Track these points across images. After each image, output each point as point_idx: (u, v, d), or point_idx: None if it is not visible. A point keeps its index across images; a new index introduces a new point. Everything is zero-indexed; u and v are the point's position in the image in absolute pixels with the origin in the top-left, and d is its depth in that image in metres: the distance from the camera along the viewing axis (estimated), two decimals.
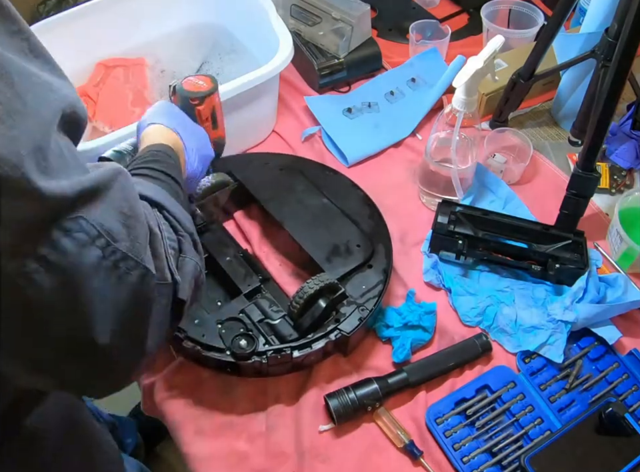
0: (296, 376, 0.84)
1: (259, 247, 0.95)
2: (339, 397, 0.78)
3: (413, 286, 0.91)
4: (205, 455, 0.78)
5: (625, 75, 0.80)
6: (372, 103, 1.15)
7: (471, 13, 1.34)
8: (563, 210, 0.91)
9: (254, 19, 1.08)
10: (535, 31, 1.18)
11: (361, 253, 0.86)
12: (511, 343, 0.86)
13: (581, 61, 0.97)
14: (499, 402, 0.82)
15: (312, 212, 0.91)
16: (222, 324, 0.79)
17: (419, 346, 0.86)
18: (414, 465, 0.77)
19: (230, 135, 1.03)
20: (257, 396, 0.83)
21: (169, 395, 0.83)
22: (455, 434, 0.79)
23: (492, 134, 1.06)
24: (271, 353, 0.78)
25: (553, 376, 0.84)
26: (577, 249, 0.89)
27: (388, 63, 1.23)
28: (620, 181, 1.03)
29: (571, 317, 0.85)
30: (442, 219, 0.92)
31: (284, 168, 0.97)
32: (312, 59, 1.15)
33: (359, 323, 0.80)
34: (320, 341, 0.79)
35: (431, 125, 1.13)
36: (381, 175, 1.06)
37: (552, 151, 1.09)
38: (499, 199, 1.01)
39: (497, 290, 0.91)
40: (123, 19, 1.10)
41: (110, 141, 0.87)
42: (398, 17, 1.32)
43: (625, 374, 0.84)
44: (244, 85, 0.94)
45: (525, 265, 0.90)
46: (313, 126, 1.12)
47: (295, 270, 0.93)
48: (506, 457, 0.77)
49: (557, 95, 1.12)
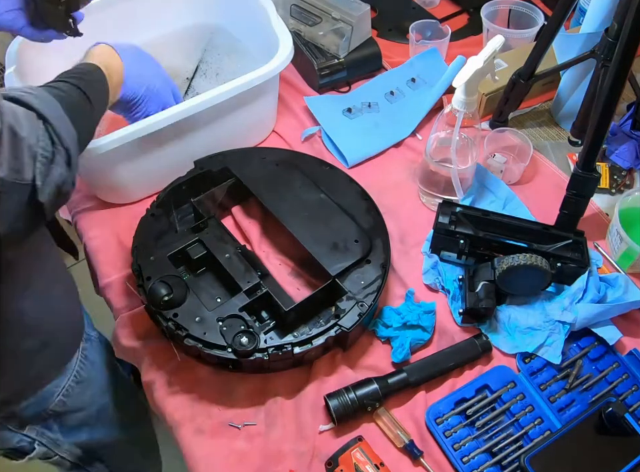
0: (296, 372, 0.84)
1: (259, 246, 0.95)
2: (338, 397, 0.78)
3: (413, 286, 0.91)
4: (205, 454, 0.78)
5: (624, 75, 0.80)
6: (372, 103, 1.15)
7: (470, 12, 1.34)
8: (562, 210, 0.91)
9: (254, 19, 1.09)
10: (534, 31, 1.18)
11: (359, 248, 0.87)
12: (508, 344, 0.86)
13: (581, 60, 0.97)
14: (499, 402, 0.82)
15: (310, 208, 0.91)
16: (223, 321, 0.79)
17: (418, 346, 0.86)
18: (414, 464, 0.77)
19: (230, 135, 1.03)
20: (257, 395, 0.83)
21: (168, 393, 0.83)
22: (454, 434, 0.79)
23: (492, 134, 1.06)
24: (272, 350, 0.78)
25: (552, 376, 0.84)
26: (578, 249, 0.89)
27: (388, 63, 1.23)
28: (620, 180, 1.03)
29: (569, 318, 0.85)
30: (443, 219, 0.92)
31: (281, 163, 0.97)
32: (312, 59, 1.15)
33: (359, 319, 0.80)
34: (320, 337, 0.79)
35: (430, 125, 1.13)
36: (381, 174, 1.06)
37: (552, 151, 1.09)
38: (498, 199, 1.01)
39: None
40: (123, 19, 1.10)
41: (110, 141, 0.87)
42: (398, 17, 1.32)
43: (625, 374, 0.84)
44: (244, 85, 0.94)
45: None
46: (313, 126, 1.13)
47: (295, 269, 0.93)
48: (506, 457, 0.77)
49: (557, 95, 1.12)
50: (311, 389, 0.82)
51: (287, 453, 0.78)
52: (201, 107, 0.92)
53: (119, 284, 0.94)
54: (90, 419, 0.96)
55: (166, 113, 0.90)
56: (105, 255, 0.97)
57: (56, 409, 0.88)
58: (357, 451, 0.76)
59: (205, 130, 0.99)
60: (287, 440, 0.79)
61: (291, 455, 0.78)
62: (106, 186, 1.01)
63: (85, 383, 0.91)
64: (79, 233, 1.03)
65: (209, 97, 0.92)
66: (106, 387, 0.98)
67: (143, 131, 0.89)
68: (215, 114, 0.97)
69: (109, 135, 0.88)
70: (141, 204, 1.03)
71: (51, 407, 0.87)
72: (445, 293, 0.92)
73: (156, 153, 0.96)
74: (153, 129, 0.89)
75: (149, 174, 0.99)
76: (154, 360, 0.86)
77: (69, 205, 1.05)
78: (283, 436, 0.79)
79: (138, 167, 0.97)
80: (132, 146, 0.90)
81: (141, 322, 0.89)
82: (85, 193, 1.05)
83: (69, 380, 0.88)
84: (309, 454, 0.78)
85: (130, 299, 0.92)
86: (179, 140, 0.97)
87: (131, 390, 1.07)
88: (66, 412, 0.90)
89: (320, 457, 0.78)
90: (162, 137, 0.93)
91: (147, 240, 0.88)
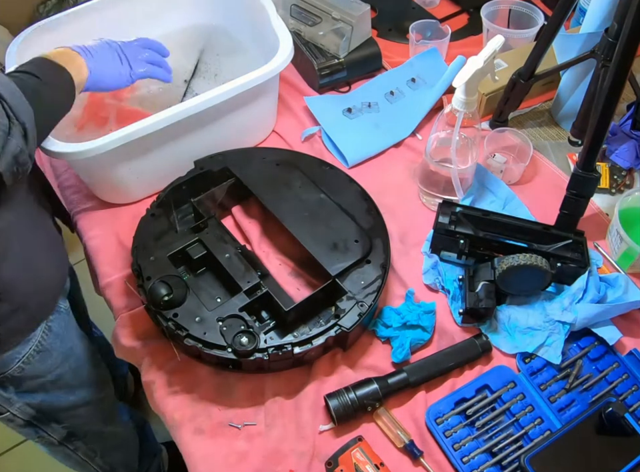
0: (296, 372, 0.84)
1: (259, 246, 0.95)
2: (338, 397, 0.78)
3: (413, 286, 0.91)
4: (205, 454, 0.79)
5: (624, 75, 0.80)
6: (372, 103, 1.15)
7: (471, 12, 1.34)
8: (563, 210, 0.91)
9: (254, 19, 1.09)
10: (534, 31, 1.18)
11: (359, 248, 0.87)
12: (508, 344, 0.86)
13: (581, 60, 0.97)
14: (499, 402, 0.82)
15: (310, 208, 0.91)
16: (223, 321, 0.79)
17: (418, 346, 0.86)
18: (414, 464, 0.77)
19: (230, 135, 1.03)
20: (257, 395, 0.83)
21: (168, 393, 0.83)
22: (455, 434, 0.79)
23: (492, 134, 1.06)
24: (272, 350, 0.78)
25: (553, 376, 0.84)
26: (578, 249, 0.89)
27: (388, 63, 1.23)
28: (620, 180, 1.03)
29: (569, 318, 0.85)
30: (443, 219, 0.92)
31: (281, 163, 0.97)
32: (312, 59, 1.15)
33: (359, 319, 0.80)
34: (320, 337, 0.79)
35: (430, 124, 1.13)
36: (381, 174, 1.06)
37: (552, 151, 1.09)
38: (498, 199, 1.01)
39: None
40: (123, 19, 1.10)
41: (110, 141, 0.87)
42: (398, 16, 1.32)
43: (625, 374, 0.84)
44: (244, 85, 0.94)
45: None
46: (313, 126, 1.12)
47: (295, 269, 0.93)
48: (506, 457, 0.77)
49: (557, 95, 1.12)
50: (311, 389, 0.82)
51: (287, 453, 0.78)
52: (200, 107, 0.92)
53: (119, 284, 0.94)
54: (47, 384, 0.98)
55: (166, 113, 0.90)
56: (105, 255, 0.97)
57: (14, 373, 0.90)
58: (357, 450, 0.76)
59: (204, 130, 0.99)
60: (287, 440, 0.79)
61: (291, 455, 0.78)
62: (106, 186, 1.01)
63: (46, 353, 0.93)
64: (79, 232, 1.03)
65: (209, 97, 0.92)
66: (67, 356, 0.99)
67: (142, 131, 0.89)
68: (215, 114, 0.97)
69: (109, 135, 0.88)
70: (141, 204, 1.03)
71: (9, 371, 0.89)
72: (445, 293, 0.92)
73: (156, 153, 0.96)
74: (152, 129, 0.89)
75: (149, 174, 0.99)
76: (154, 360, 0.86)
77: (69, 205, 1.05)
78: (282, 436, 0.79)
79: (138, 166, 0.97)
80: (132, 146, 0.90)
81: (141, 322, 0.89)
82: (85, 192, 1.05)
83: (31, 349, 0.90)
84: (309, 454, 0.78)
85: (130, 298, 0.92)
86: (179, 140, 0.97)
87: (93, 356, 1.09)
88: (23, 377, 0.92)
89: (320, 457, 0.78)
90: (162, 136, 0.93)
91: (146, 240, 0.88)
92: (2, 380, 0.90)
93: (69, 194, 1.06)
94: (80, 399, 1.05)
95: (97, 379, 1.10)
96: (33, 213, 0.86)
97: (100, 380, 1.12)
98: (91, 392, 1.08)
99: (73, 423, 1.08)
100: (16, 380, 0.92)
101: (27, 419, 0.99)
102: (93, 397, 1.08)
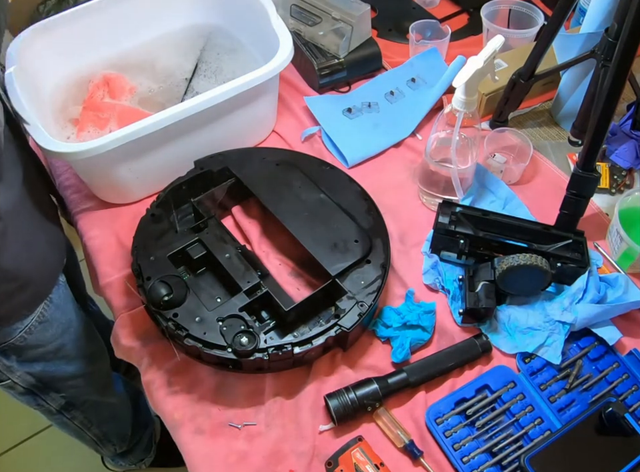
0: (296, 372, 0.84)
1: (259, 246, 0.95)
2: (338, 397, 0.78)
3: (413, 286, 0.91)
4: (205, 454, 0.79)
5: (624, 75, 0.80)
6: (372, 103, 1.15)
7: (471, 12, 1.34)
8: (562, 210, 0.91)
9: (254, 19, 1.09)
10: (534, 31, 1.18)
11: (359, 248, 0.87)
12: (508, 344, 0.86)
13: (581, 60, 0.97)
14: (499, 402, 0.82)
15: (310, 208, 0.91)
16: (223, 321, 0.79)
17: (418, 346, 0.86)
18: (414, 464, 0.77)
19: (230, 135, 1.03)
20: (257, 395, 0.83)
21: (168, 393, 0.83)
22: (454, 434, 0.79)
23: (492, 134, 1.06)
24: (272, 350, 0.78)
25: (552, 376, 0.84)
26: (578, 249, 0.89)
27: (388, 63, 1.23)
28: (620, 180, 1.03)
29: (569, 318, 0.85)
30: (443, 219, 0.92)
31: (281, 163, 0.97)
32: (312, 59, 1.15)
33: (359, 319, 0.80)
34: (320, 337, 0.79)
35: (430, 125, 1.13)
36: (381, 174, 1.06)
37: (552, 151, 1.09)
38: (498, 199, 1.01)
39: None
40: (123, 19, 1.10)
41: (110, 141, 0.87)
42: (398, 16, 1.32)
43: (624, 374, 0.84)
44: (244, 85, 0.94)
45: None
46: (313, 126, 1.12)
47: (295, 269, 0.93)
48: (506, 457, 0.77)
49: (557, 94, 1.12)
50: (311, 389, 0.82)
51: (286, 453, 0.78)
52: (200, 106, 0.92)
53: (119, 284, 0.94)
54: (47, 355, 1.00)
55: (166, 113, 0.90)
56: (105, 254, 0.97)
57: (16, 343, 0.92)
58: (357, 450, 0.76)
59: (204, 130, 0.99)
60: (287, 440, 0.79)
61: (290, 455, 0.78)
62: (106, 186, 1.01)
63: (47, 323, 0.95)
64: (79, 232, 1.03)
65: (209, 97, 0.92)
66: (66, 327, 1.02)
67: (142, 131, 0.89)
68: (215, 114, 0.97)
69: (109, 135, 0.88)
70: (141, 204, 1.03)
71: (11, 341, 0.91)
72: (445, 293, 0.92)
73: (156, 153, 0.96)
74: (152, 129, 0.89)
75: (149, 174, 0.99)
76: (154, 360, 0.86)
77: (69, 205, 1.05)
78: (283, 436, 0.79)
79: (138, 167, 0.97)
80: (132, 146, 0.90)
81: (141, 322, 0.89)
82: (85, 192, 1.05)
83: (33, 319, 0.92)
84: (309, 454, 0.78)
85: (130, 298, 0.92)
86: (179, 140, 0.97)
87: (90, 329, 1.12)
88: (25, 347, 0.94)
89: (320, 457, 0.78)
90: (162, 136, 0.93)
91: (147, 240, 0.88)
92: (4, 349, 0.92)
93: (69, 194, 1.06)
94: (78, 369, 1.08)
95: (94, 351, 1.13)
96: (30, 190, 0.88)
97: (97, 351, 1.15)
98: (88, 363, 1.11)
99: (71, 393, 1.11)
100: (18, 349, 0.94)
101: (27, 387, 1.02)
102: (90, 367, 1.11)
